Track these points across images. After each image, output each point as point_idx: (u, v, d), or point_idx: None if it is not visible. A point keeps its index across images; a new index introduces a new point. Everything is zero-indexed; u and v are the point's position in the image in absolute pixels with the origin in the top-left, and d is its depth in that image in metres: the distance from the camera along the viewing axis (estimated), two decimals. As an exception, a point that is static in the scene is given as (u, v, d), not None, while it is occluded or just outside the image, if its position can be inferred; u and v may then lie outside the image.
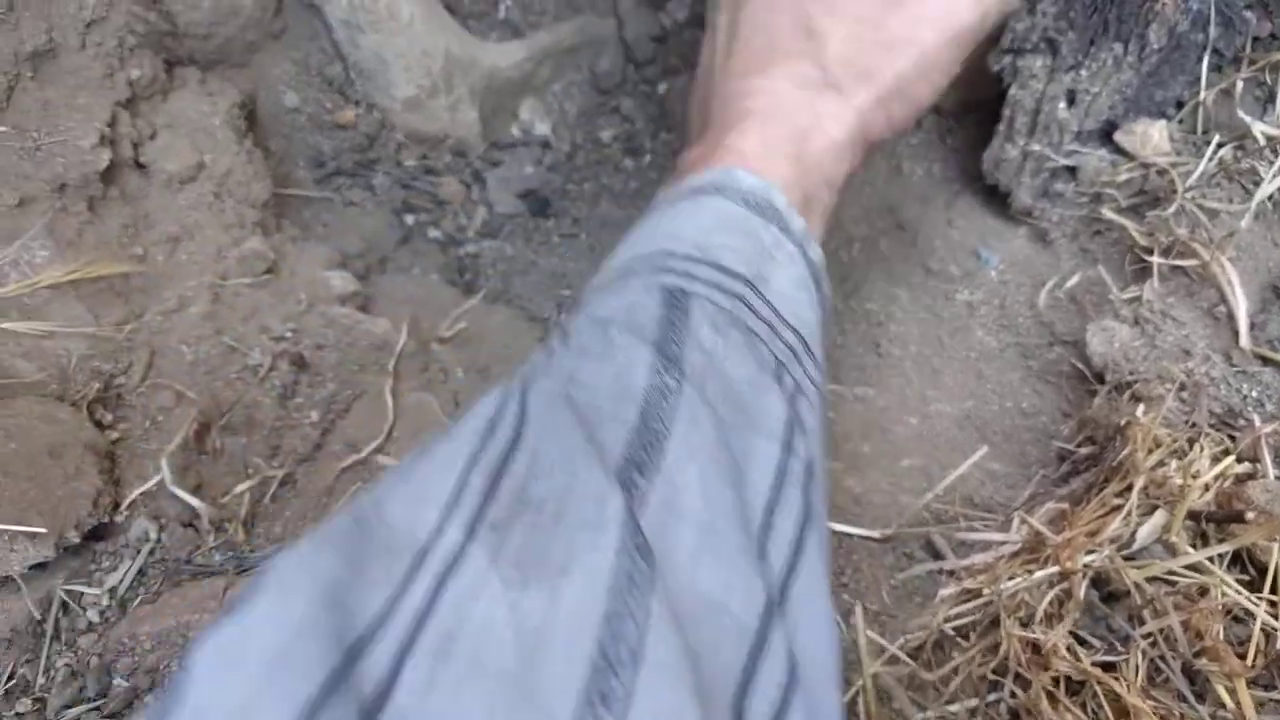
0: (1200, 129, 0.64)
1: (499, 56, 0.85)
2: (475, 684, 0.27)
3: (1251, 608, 0.47)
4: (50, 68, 0.65)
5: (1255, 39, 0.63)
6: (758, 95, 0.54)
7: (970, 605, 0.54)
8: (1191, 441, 0.54)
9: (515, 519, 0.32)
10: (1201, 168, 0.62)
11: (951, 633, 0.55)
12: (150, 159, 0.68)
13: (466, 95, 0.82)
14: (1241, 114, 0.62)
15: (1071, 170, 0.67)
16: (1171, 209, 0.61)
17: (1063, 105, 0.64)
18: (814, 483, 0.39)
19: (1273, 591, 0.48)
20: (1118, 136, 0.65)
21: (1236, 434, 0.54)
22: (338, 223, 0.82)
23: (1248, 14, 0.62)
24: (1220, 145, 0.62)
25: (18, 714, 0.49)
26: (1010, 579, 0.53)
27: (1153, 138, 0.63)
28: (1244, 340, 0.57)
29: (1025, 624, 0.52)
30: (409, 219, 0.86)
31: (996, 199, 0.71)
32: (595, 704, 0.27)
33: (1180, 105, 0.65)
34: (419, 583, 0.29)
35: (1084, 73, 0.62)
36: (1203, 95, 0.63)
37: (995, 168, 0.68)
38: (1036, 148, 0.66)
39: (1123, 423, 0.54)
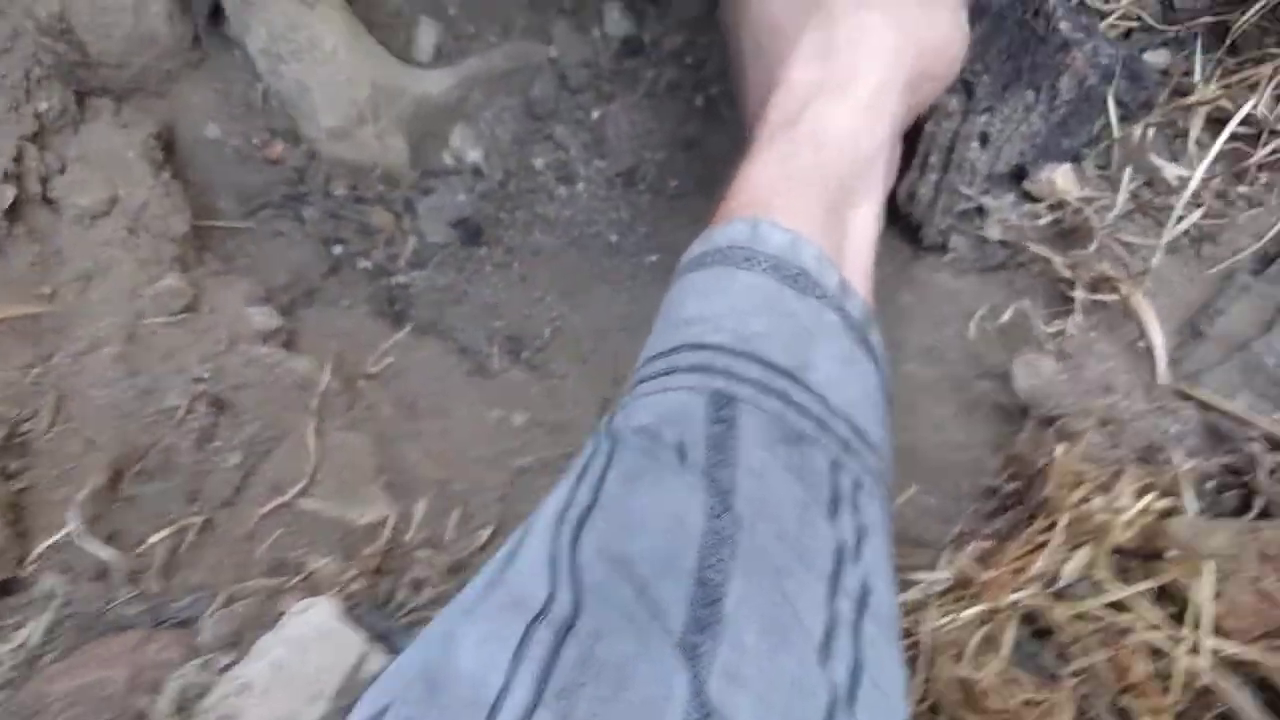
0: (1114, 168, 0.65)
1: (428, 83, 0.84)
2: None
3: (1168, 646, 0.48)
4: (-49, 101, 0.62)
5: (1163, 85, 0.65)
6: (776, 92, 0.52)
7: (903, 644, 0.54)
8: (1115, 476, 0.55)
9: (579, 688, 0.31)
10: (1119, 205, 0.63)
11: (884, 672, 0.55)
12: (60, 194, 0.65)
13: (394, 123, 0.80)
14: (1152, 157, 0.63)
15: (980, 210, 0.68)
16: (1093, 245, 0.62)
17: (975, 145, 0.65)
18: (866, 614, 0.37)
19: (1195, 627, 0.49)
20: (1026, 184, 0.66)
21: (1159, 469, 0.55)
22: (262, 254, 0.80)
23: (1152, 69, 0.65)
24: (1133, 183, 0.64)
25: (-84, 787, 0.47)
26: (940, 618, 0.53)
27: (1057, 183, 0.64)
28: (1162, 376, 0.58)
29: (956, 662, 0.52)
30: (337, 249, 0.84)
31: (912, 230, 0.72)
32: None
33: (1078, 159, 0.67)
34: None
35: (996, 117, 0.63)
36: (1116, 134, 0.64)
37: (909, 201, 0.69)
38: (950, 185, 0.67)
39: (1042, 463, 0.55)
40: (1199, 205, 0.62)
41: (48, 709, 0.49)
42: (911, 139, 0.69)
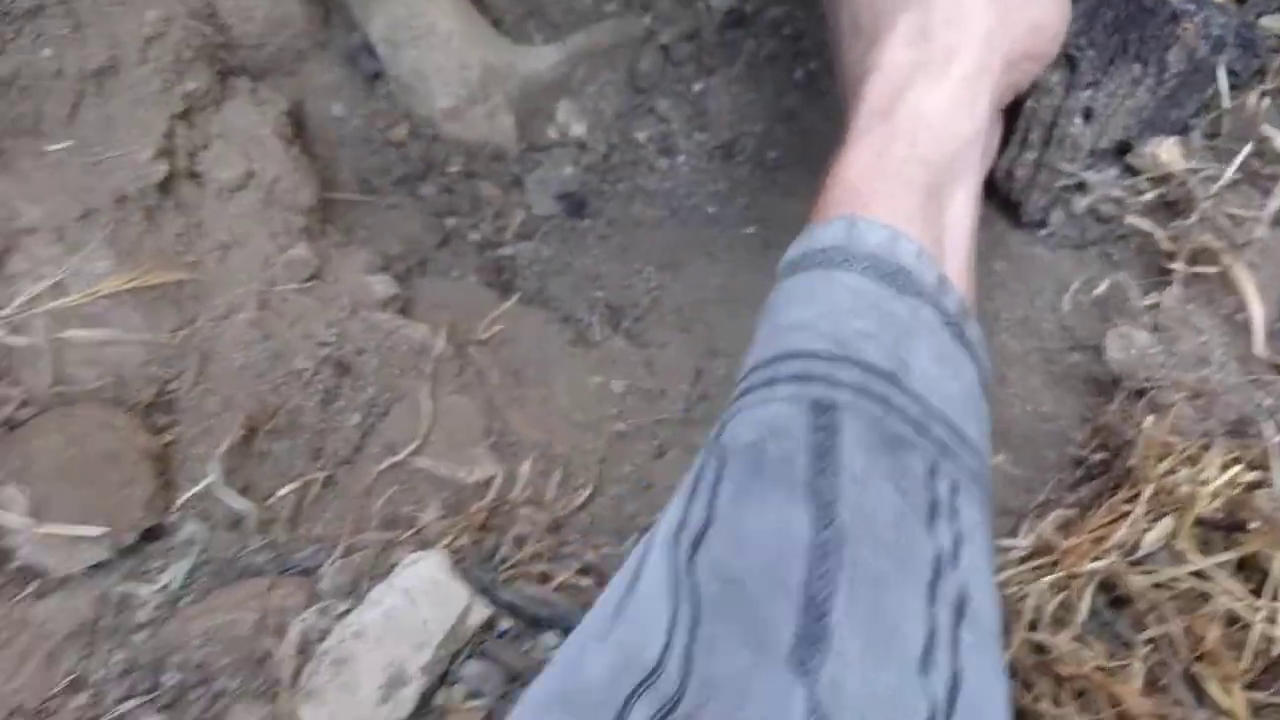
0: (1223, 138, 0.64)
1: (535, 61, 0.87)
2: None
3: (1247, 614, 0.48)
4: (112, 83, 0.68)
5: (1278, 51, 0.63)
6: (872, 75, 0.52)
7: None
8: (1203, 449, 0.55)
9: (701, 707, 0.34)
10: (1226, 176, 0.62)
11: (962, 634, 0.56)
12: (204, 168, 0.71)
13: (503, 102, 0.84)
14: (1264, 126, 0.62)
15: (1082, 186, 0.67)
16: (1194, 216, 0.61)
17: (1078, 121, 0.64)
18: (964, 622, 0.38)
19: (1273, 599, 0.49)
20: (1130, 158, 0.65)
21: (1249, 442, 0.55)
22: (379, 226, 0.85)
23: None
24: (1243, 154, 0.62)
25: (77, 707, 0.53)
26: (1019, 584, 0.55)
27: (1161, 157, 0.63)
28: (1259, 348, 0.57)
29: (1033, 627, 0.54)
30: (449, 222, 0.89)
31: (1010, 206, 0.72)
32: None
33: (1186, 129, 0.65)
34: None
35: (1101, 91, 0.63)
36: (1226, 105, 0.63)
37: (1007, 178, 0.69)
38: (1050, 162, 0.66)
39: (1130, 434, 0.55)
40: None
41: (186, 645, 0.55)
42: (1011, 115, 0.69)
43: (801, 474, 0.39)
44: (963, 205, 0.52)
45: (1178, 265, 0.62)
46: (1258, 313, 0.59)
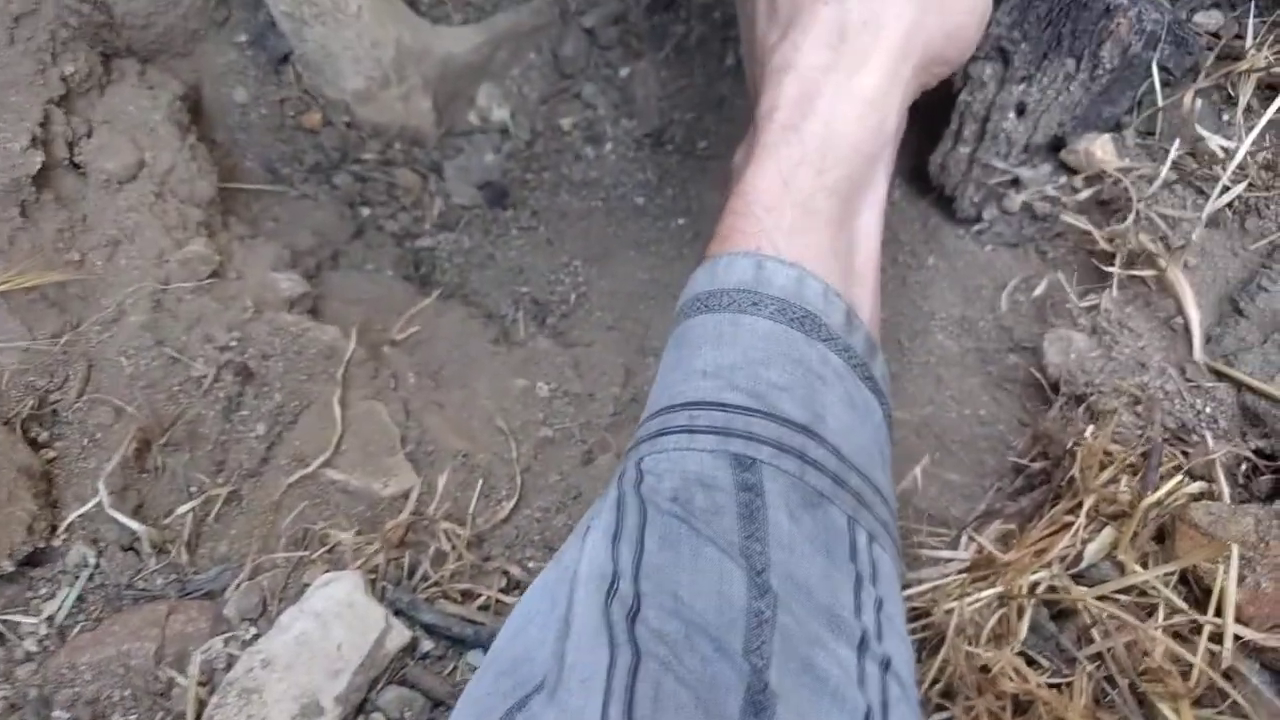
0: (1157, 137, 0.63)
1: (454, 42, 0.83)
2: None
3: (1190, 631, 0.47)
4: (-23, 65, 0.62)
5: (1212, 49, 0.63)
6: (784, 76, 0.50)
7: (919, 624, 0.54)
8: (1144, 458, 0.54)
9: None
10: (1161, 176, 0.61)
11: (901, 650, 0.55)
12: (86, 158, 0.66)
13: (420, 84, 0.80)
14: (1197, 126, 0.61)
15: (1016, 182, 0.66)
16: (1130, 217, 0.60)
17: (1011, 116, 0.63)
18: (889, 675, 0.40)
19: (1217, 613, 0.48)
20: (1064, 155, 0.64)
21: (1190, 450, 0.54)
22: (288, 217, 0.80)
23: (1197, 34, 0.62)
24: (1176, 153, 0.62)
25: (-49, 750, 0.48)
26: (958, 598, 0.53)
27: (1096, 154, 0.62)
28: (1198, 354, 0.57)
29: (973, 642, 0.52)
30: (363, 211, 0.84)
31: (944, 200, 0.70)
32: None
33: (1119, 127, 0.64)
34: None
35: (1034, 86, 0.61)
36: (1160, 102, 0.62)
37: (940, 172, 0.67)
38: (983, 157, 0.65)
39: (1070, 442, 0.54)
40: (1245, 177, 0.60)
41: (77, 679, 0.50)
42: (943, 108, 0.67)
43: (733, 536, 0.40)
44: (870, 223, 0.52)
45: (1115, 268, 0.61)
46: (1195, 317, 0.58)
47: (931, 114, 0.70)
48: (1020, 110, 0.63)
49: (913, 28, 0.50)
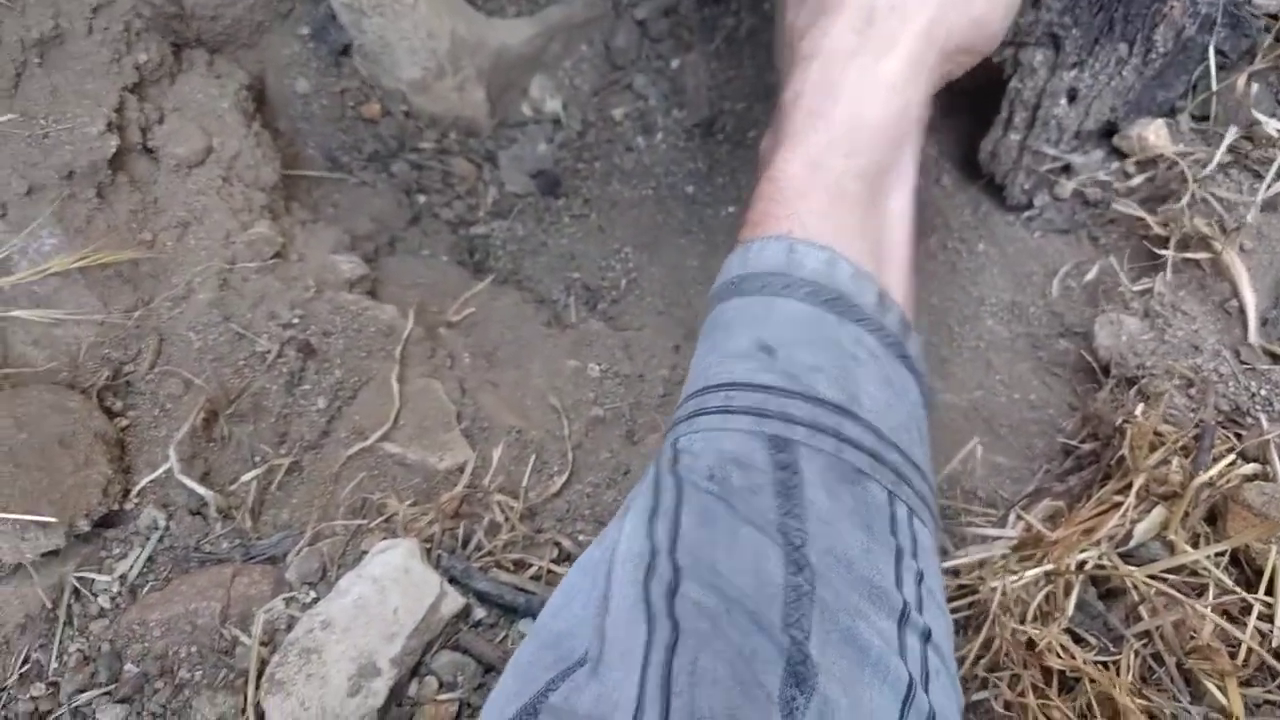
0: (1212, 121, 0.63)
1: (508, 34, 0.84)
2: None
3: (1240, 609, 0.47)
4: (57, 54, 0.65)
5: (1270, 30, 0.62)
6: (812, 62, 0.51)
7: (966, 600, 0.55)
8: (1196, 439, 0.54)
9: None
10: (1216, 159, 0.61)
11: (948, 627, 0.55)
12: (158, 144, 0.68)
13: (474, 75, 0.81)
14: (1254, 111, 0.60)
15: (1068, 169, 0.66)
16: (1185, 200, 0.60)
17: (1063, 103, 0.63)
18: (929, 647, 0.40)
19: (1268, 593, 0.48)
20: (1116, 140, 0.64)
21: (1243, 432, 0.54)
22: (347, 203, 0.82)
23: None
24: (1233, 137, 0.61)
25: (32, 698, 0.50)
26: (1005, 575, 0.53)
27: (1149, 139, 0.62)
28: (1253, 336, 0.56)
29: (1020, 621, 0.52)
30: (420, 199, 0.86)
31: (995, 188, 0.70)
32: None
33: (1174, 111, 0.64)
34: None
35: (1086, 72, 0.61)
36: (1214, 86, 0.61)
37: (991, 160, 0.68)
38: (1034, 144, 0.65)
39: (1120, 423, 0.54)
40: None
41: (146, 635, 0.52)
42: (994, 95, 0.67)
43: (770, 514, 0.40)
44: (900, 206, 0.52)
45: (1168, 251, 0.61)
46: (1250, 300, 0.58)
47: (982, 101, 0.70)
48: (1072, 96, 0.63)
49: (938, 14, 0.51)
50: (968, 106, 0.74)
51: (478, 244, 0.85)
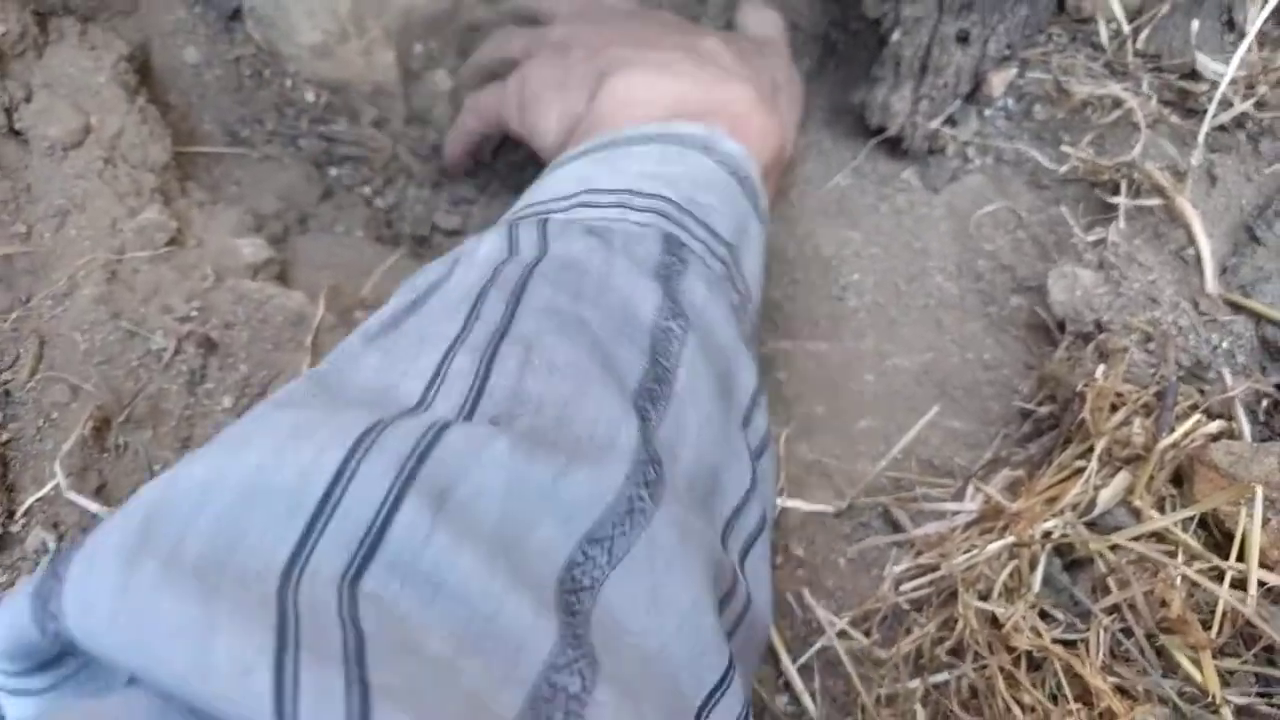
0: (1143, 56, 0.60)
1: (416, -10, 0.78)
2: (470, 542, 0.26)
3: (1211, 577, 0.45)
4: (-99, 28, 0.58)
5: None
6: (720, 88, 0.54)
7: (926, 579, 0.52)
8: (1158, 397, 0.51)
9: (513, 416, 0.31)
10: (1154, 95, 0.58)
11: (908, 607, 0.52)
12: (27, 125, 0.61)
13: (381, 37, 0.75)
14: (1194, 48, 0.57)
15: (980, 112, 0.63)
16: (1138, 147, 0.57)
17: (953, 48, 0.60)
18: (766, 454, 0.43)
19: (1239, 558, 0.45)
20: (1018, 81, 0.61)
21: (1206, 388, 0.51)
22: (251, 181, 0.76)
23: None
24: (1171, 74, 0.59)
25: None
26: (966, 551, 0.51)
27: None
28: (1211, 285, 0.54)
29: (984, 598, 0.50)
30: (331, 172, 0.80)
31: (891, 141, 0.68)
32: (577, 573, 0.28)
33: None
34: (406, 424, 0.28)
35: (975, 12, 0.58)
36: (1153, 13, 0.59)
37: (883, 113, 0.64)
38: (928, 91, 0.62)
39: (1079, 384, 0.51)
40: (1252, 92, 0.57)
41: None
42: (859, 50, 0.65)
43: (651, 272, 0.40)
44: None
45: (1121, 198, 0.58)
46: (1206, 247, 0.55)
47: (853, 55, 0.68)
48: (963, 38, 0.60)
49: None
50: (838, 63, 0.71)
51: (395, 217, 0.80)
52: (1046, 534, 0.49)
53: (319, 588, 0.23)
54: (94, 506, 0.52)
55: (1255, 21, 0.56)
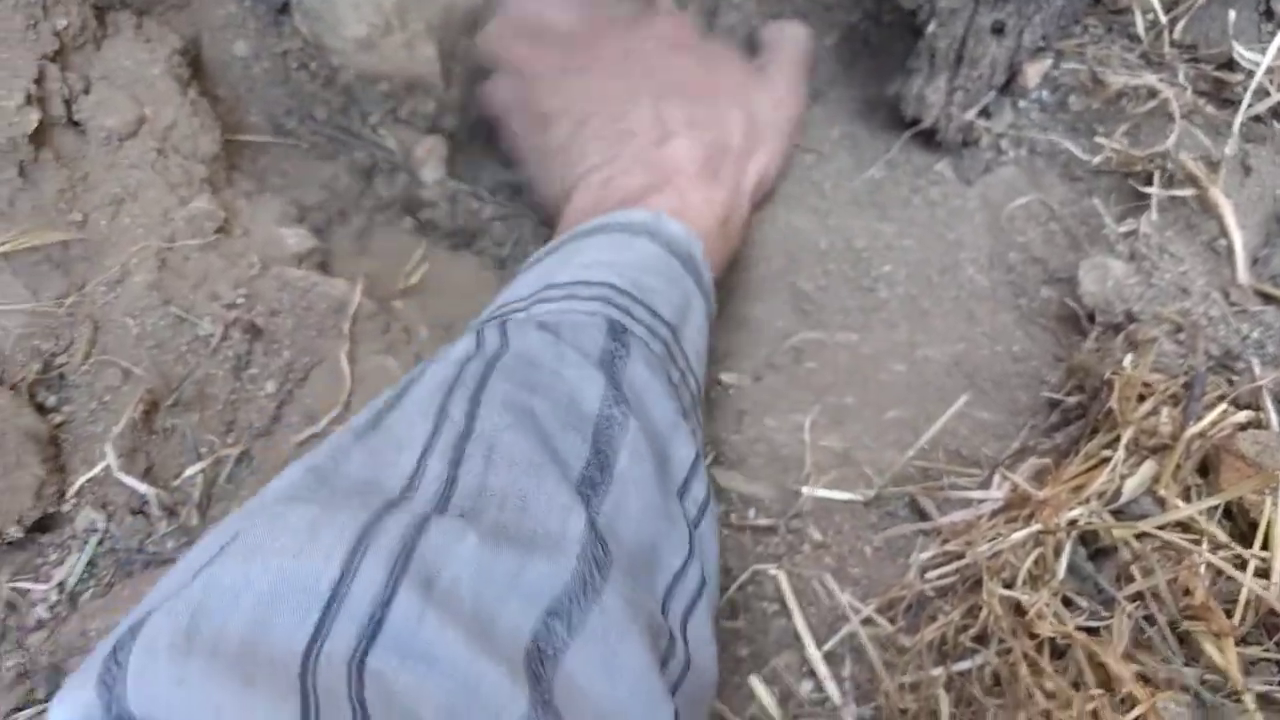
0: (1179, 46, 0.60)
1: (458, -15, 0.80)
2: (454, 623, 0.30)
3: (1235, 565, 0.45)
4: (-34, 23, 0.61)
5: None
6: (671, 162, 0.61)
7: (951, 566, 0.52)
8: (1186, 387, 0.51)
9: (481, 510, 0.36)
10: (1191, 86, 0.58)
11: (933, 594, 0.53)
12: (85, 116, 0.64)
13: (423, 31, 0.77)
14: (1231, 38, 0.57)
15: (1015, 103, 0.63)
16: (1172, 138, 0.57)
17: (989, 39, 0.60)
18: (705, 518, 0.45)
19: (1264, 547, 0.45)
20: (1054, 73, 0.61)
21: (1235, 378, 0.51)
22: (296, 172, 0.78)
23: None
24: (1207, 64, 0.58)
25: (-36, 718, 0.48)
26: (991, 539, 0.51)
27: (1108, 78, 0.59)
28: (1242, 276, 0.54)
29: (1008, 585, 0.50)
30: (373, 164, 0.81)
31: (926, 134, 0.68)
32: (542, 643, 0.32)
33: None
34: (395, 520, 0.33)
35: (1011, 3, 0.58)
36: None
37: (919, 104, 0.64)
38: (963, 83, 0.62)
39: (1108, 373, 0.51)
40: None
41: (88, 646, 0.49)
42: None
43: (597, 354, 0.44)
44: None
45: (1153, 189, 0.58)
46: (1239, 238, 0.55)
47: (888, 47, 0.68)
48: (998, 30, 0.60)
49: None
50: (869, 54, 0.72)
51: (435, 208, 0.81)
52: (1072, 522, 0.49)
53: (332, 669, 0.28)
54: (142, 487, 0.54)
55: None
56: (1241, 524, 0.47)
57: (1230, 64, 0.59)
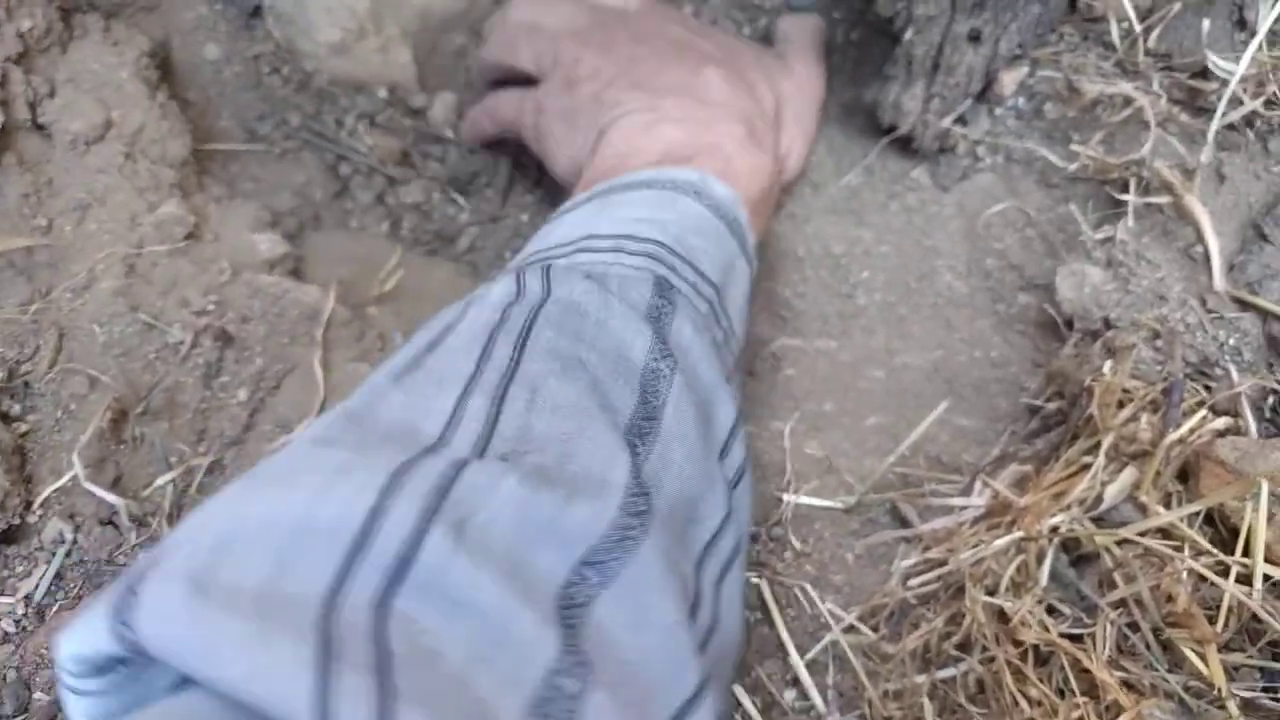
0: (1154, 55, 0.60)
1: (433, -10, 0.79)
2: (486, 565, 0.29)
3: (1218, 572, 0.45)
4: (-73, 24, 0.59)
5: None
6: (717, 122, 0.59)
7: (934, 574, 0.52)
8: (1165, 394, 0.51)
9: (521, 454, 0.35)
10: (1164, 94, 0.58)
11: (915, 602, 0.53)
12: (50, 119, 0.62)
13: (398, 35, 0.76)
14: (1205, 47, 0.58)
15: (984, 107, 0.64)
16: (1147, 145, 0.57)
17: (965, 46, 0.60)
18: (742, 482, 0.45)
19: (1245, 553, 0.45)
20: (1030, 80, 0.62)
21: (1213, 384, 0.52)
22: (267, 177, 0.77)
23: None
24: (1181, 73, 0.59)
25: (-73, 736, 0.46)
26: (973, 546, 0.51)
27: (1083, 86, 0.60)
28: (1219, 283, 0.54)
29: (991, 592, 0.50)
30: (346, 170, 0.80)
31: (902, 141, 0.68)
32: (573, 590, 0.31)
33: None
34: (430, 463, 0.32)
35: (988, 10, 0.58)
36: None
37: (895, 112, 0.64)
38: (939, 90, 0.62)
39: (1087, 380, 0.51)
40: (1262, 91, 0.57)
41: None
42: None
43: (644, 308, 0.43)
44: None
45: (1129, 195, 0.58)
46: (1215, 245, 0.55)
47: (865, 54, 0.68)
48: (975, 37, 0.60)
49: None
50: (851, 59, 0.72)
51: (409, 215, 0.80)
52: (1053, 529, 0.49)
53: (356, 610, 0.27)
54: (111, 498, 0.53)
55: (1266, 20, 0.56)
56: (1223, 530, 0.47)
57: (1204, 73, 0.59)
